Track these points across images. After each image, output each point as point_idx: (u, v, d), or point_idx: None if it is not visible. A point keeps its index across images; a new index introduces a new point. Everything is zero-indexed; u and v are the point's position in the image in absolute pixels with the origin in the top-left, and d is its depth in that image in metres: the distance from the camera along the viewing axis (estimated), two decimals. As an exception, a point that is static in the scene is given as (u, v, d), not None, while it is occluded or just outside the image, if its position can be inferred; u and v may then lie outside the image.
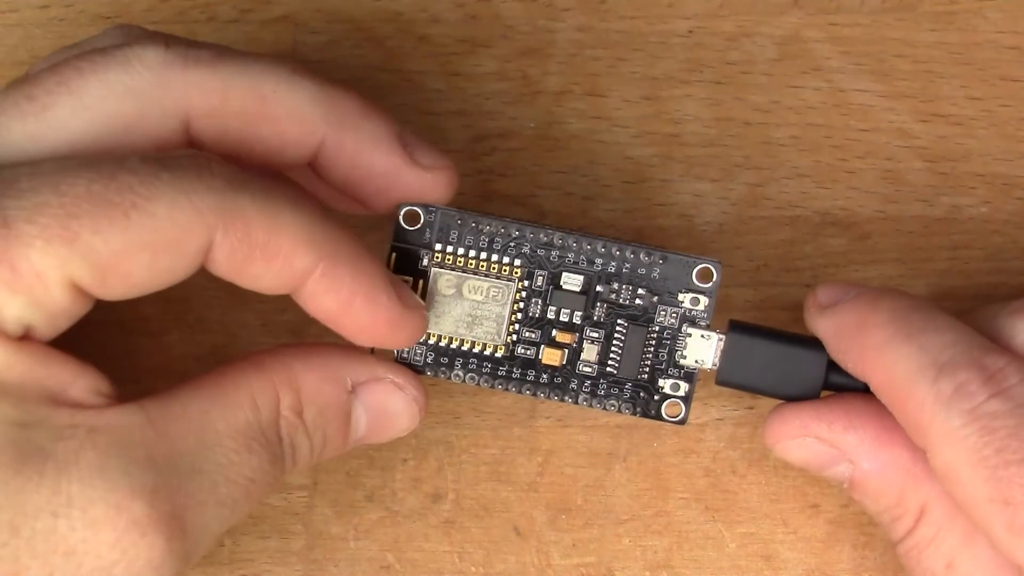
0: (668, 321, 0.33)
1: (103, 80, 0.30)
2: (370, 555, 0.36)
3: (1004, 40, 0.39)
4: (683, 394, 0.33)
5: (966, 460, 0.30)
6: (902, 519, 0.32)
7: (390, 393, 0.33)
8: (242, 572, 0.36)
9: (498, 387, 0.33)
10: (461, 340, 0.33)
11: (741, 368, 0.33)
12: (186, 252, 0.29)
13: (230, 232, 0.29)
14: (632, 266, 0.33)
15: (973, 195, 0.38)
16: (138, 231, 0.28)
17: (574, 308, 0.33)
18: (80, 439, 0.29)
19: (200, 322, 0.37)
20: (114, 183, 0.29)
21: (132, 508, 0.28)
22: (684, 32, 0.39)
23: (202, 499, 0.29)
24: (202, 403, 0.30)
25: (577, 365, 0.33)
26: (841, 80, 0.38)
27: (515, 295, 0.33)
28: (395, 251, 0.33)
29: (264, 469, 0.31)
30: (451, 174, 0.33)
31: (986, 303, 0.37)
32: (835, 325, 0.33)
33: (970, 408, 0.30)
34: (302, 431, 0.31)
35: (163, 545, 0.29)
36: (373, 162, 0.32)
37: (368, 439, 0.33)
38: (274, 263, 0.30)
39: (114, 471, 0.28)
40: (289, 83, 0.32)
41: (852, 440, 0.32)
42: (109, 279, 0.29)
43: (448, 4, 0.38)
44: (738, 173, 0.38)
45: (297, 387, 0.31)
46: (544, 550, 0.36)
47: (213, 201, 0.29)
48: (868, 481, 0.33)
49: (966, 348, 0.31)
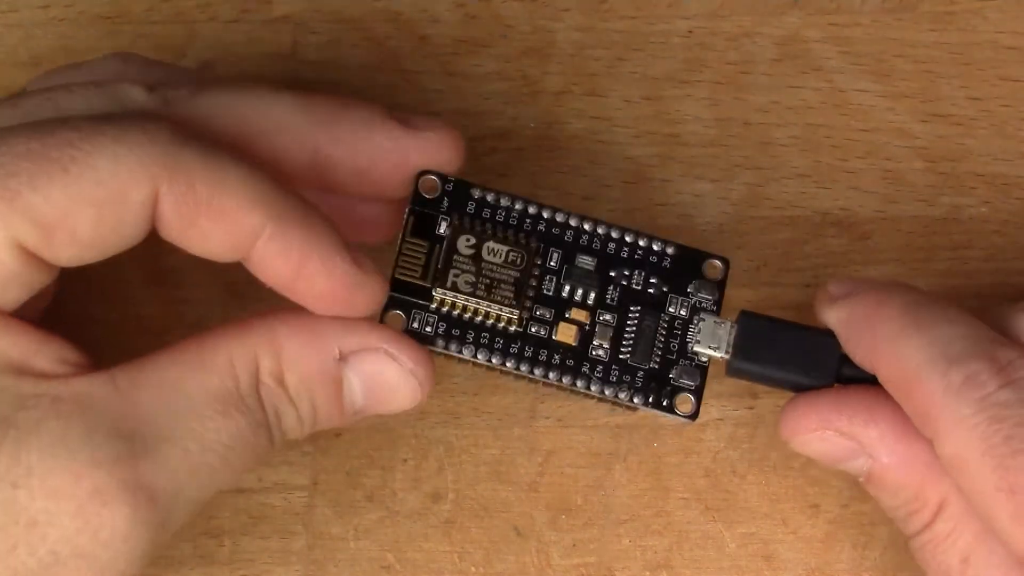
0: (679, 311, 0.33)
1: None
2: (370, 555, 0.36)
3: (1004, 40, 0.39)
4: (695, 385, 0.33)
5: (975, 448, 0.29)
6: (920, 513, 0.32)
7: (384, 363, 0.32)
8: (242, 572, 0.36)
9: (508, 366, 0.33)
10: (475, 310, 0.33)
11: (753, 358, 0.33)
12: (130, 206, 0.29)
13: (174, 185, 0.29)
14: (644, 255, 0.33)
15: (973, 195, 0.38)
16: (79, 185, 0.28)
17: (588, 286, 0.33)
18: (44, 408, 0.28)
19: (200, 322, 0.37)
20: (53, 139, 0.28)
21: (93, 476, 0.28)
22: (684, 32, 0.39)
23: (173, 466, 0.29)
24: (179, 368, 0.30)
25: (589, 349, 0.33)
26: (841, 80, 0.38)
27: (533, 261, 0.33)
28: (413, 214, 0.33)
29: (243, 436, 0.30)
30: (452, 132, 0.33)
31: (986, 303, 0.37)
32: (846, 316, 0.33)
33: (980, 397, 0.30)
34: (285, 398, 0.31)
35: (128, 513, 0.28)
36: (373, 142, 0.32)
37: (370, 410, 0.32)
38: (220, 221, 0.29)
39: (75, 440, 0.28)
40: (268, 99, 0.32)
41: (873, 434, 0.32)
42: (56, 238, 0.29)
43: (448, 4, 0.38)
44: (738, 173, 0.38)
45: (278, 352, 0.31)
46: (544, 550, 0.36)
47: (156, 153, 0.29)
48: (888, 475, 0.32)
49: (977, 340, 0.31)
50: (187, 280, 0.37)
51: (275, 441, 0.31)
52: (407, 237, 0.33)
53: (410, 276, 0.33)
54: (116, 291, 0.37)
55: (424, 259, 0.33)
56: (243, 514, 0.36)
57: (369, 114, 0.33)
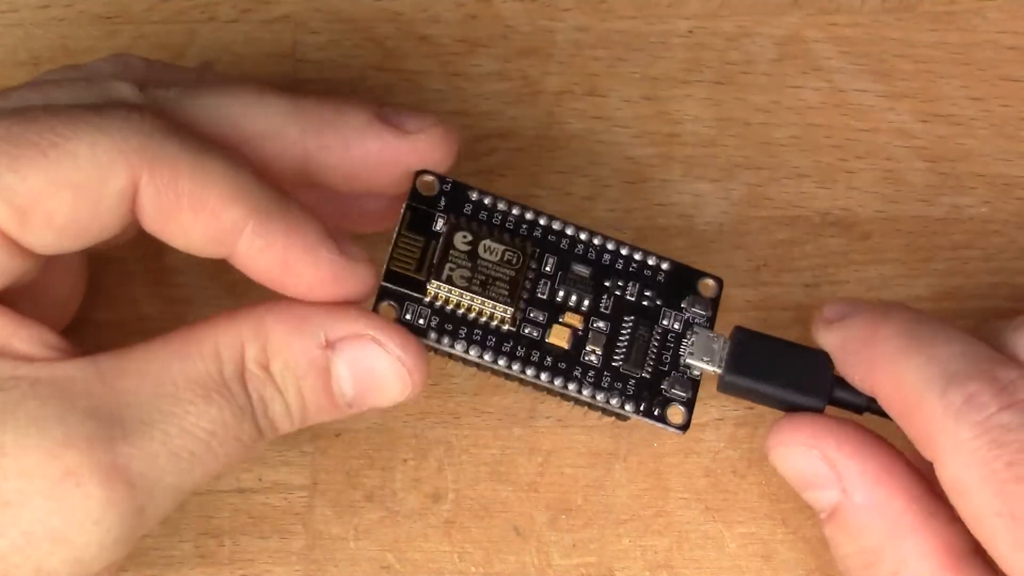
0: (672, 325, 0.33)
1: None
2: (370, 555, 0.36)
3: (1004, 40, 0.39)
4: (687, 398, 0.33)
5: (975, 473, 0.29)
6: (874, 568, 0.31)
7: (372, 352, 0.31)
8: (242, 572, 0.36)
9: (500, 364, 0.33)
10: (469, 306, 0.33)
11: (745, 373, 0.33)
12: (108, 192, 0.29)
13: (155, 176, 0.29)
14: (639, 267, 0.33)
15: (973, 195, 0.38)
16: (57, 169, 0.28)
17: (583, 293, 0.33)
18: (22, 390, 0.28)
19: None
20: (35, 124, 0.29)
21: (65, 456, 0.28)
22: (684, 32, 0.39)
23: (152, 450, 0.29)
24: (164, 356, 0.30)
25: (582, 353, 0.33)
26: (841, 80, 0.38)
27: (529, 262, 0.33)
28: (410, 210, 0.33)
29: (226, 422, 0.30)
30: (443, 130, 0.33)
31: (986, 303, 0.37)
32: (843, 338, 0.32)
33: (980, 420, 0.29)
34: (271, 385, 0.31)
35: (101, 495, 0.28)
36: (362, 149, 0.32)
37: (363, 402, 0.32)
38: (201, 214, 0.29)
39: (50, 420, 0.28)
40: (257, 103, 0.32)
41: (855, 468, 0.32)
42: (31, 221, 0.29)
43: (448, 4, 0.38)
44: (738, 173, 0.38)
45: (264, 339, 0.30)
46: (544, 550, 0.36)
47: (138, 142, 0.29)
48: (854, 516, 0.32)
49: (976, 359, 0.30)
50: (187, 280, 0.37)
51: (263, 430, 0.31)
52: (403, 231, 0.33)
53: (404, 268, 0.33)
54: (116, 291, 0.37)
55: (419, 252, 0.33)
56: (243, 514, 0.36)
57: (360, 119, 0.32)
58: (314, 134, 0.32)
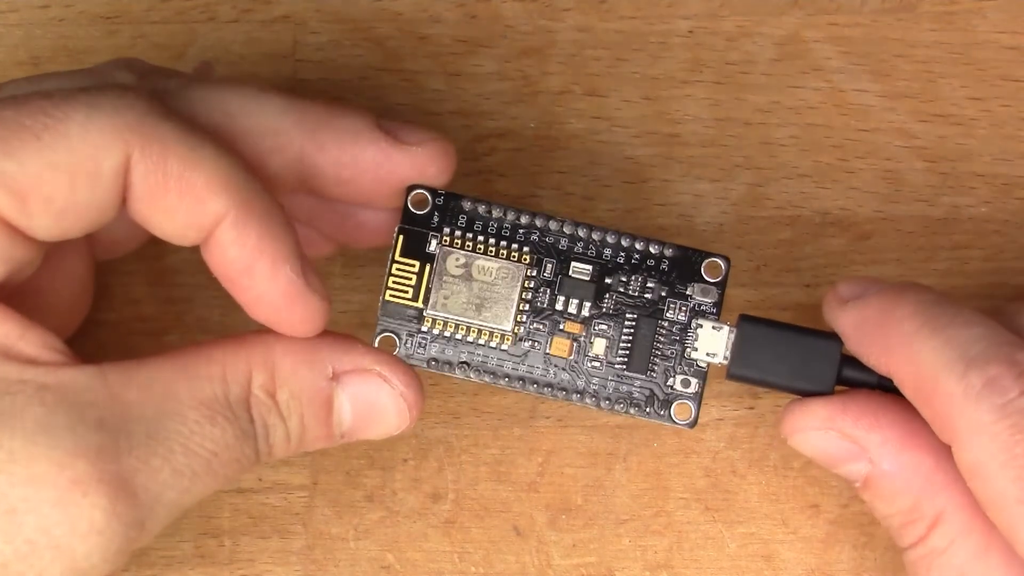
0: (678, 316, 0.33)
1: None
2: (370, 555, 0.36)
3: (1004, 40, 0.39)
4: (693, 391, 0.33)
5: (995, 457, 0.29)
6: (914, 525, 0.32)
7: (376, 386, 0.31)
8: (242, 572, 0.36)
9: (502, 384, 0.33)
10: (467, 329, 0.33)
11: (753, 361, 0.33)
12: (103, 171, 0.29)
13: (146, 154, 0.29)
14: (641, 258, 0.33)
15: (973, 195, 0.38)
16: (52, 151, 0.28)
17: (583, 297, 0.33)
18: (28, 394, 0.28)
19: (200, 322, 0.37)
20: (26, 107, 0.28)
21: (74, 466, 0.28)
22: (684, 32, 0.39)
23: (156, 465, 0.29)
24: (171, 372, 0.30)
25: (584, 361, 0.33)
26: (841, 80, 0.38)
27: (525, 277, 0.33)
28: (402, 233, 0.33)
29: (228, 443, 0.30)
30: (442, 145, 0.33)
31: (986, 303, 0.37)
32: (858, 318, 0.32)
33: (1002, 403, 0.29)
34: (275, 413, 0.31)
35: (106, 506, 0.28)
36: (358, 154, 0.32)
37: (357, 434, 0.32)
38: (186, 198, 0.29)
39: (60, 429, 0.28)
40: (256, 99, 0.32)
41: (876, 439, 0.32)
42: (30, 205, 0.28)
43: (448, 4, 0.38)
44: (738, 173, 0.38)
45: (272, 367, 0.31)
46: (544, 550, 0.36)
47: (130, 119, 0.29)
48: (886, 482, 0.32)
49: (996, 342, 0.30)
50: (187, 280, 0.37)
51: (260, 455, 0.31)
52: (396, 257, 0.33)
53: (401, 298, 0.33)
54: (116, 291, 0.37)
55: (415, 280, 0.33)
56: (243, 514, 0.36)
57: (357, 123, 0.32)
58: (310, 133, 0.32)
